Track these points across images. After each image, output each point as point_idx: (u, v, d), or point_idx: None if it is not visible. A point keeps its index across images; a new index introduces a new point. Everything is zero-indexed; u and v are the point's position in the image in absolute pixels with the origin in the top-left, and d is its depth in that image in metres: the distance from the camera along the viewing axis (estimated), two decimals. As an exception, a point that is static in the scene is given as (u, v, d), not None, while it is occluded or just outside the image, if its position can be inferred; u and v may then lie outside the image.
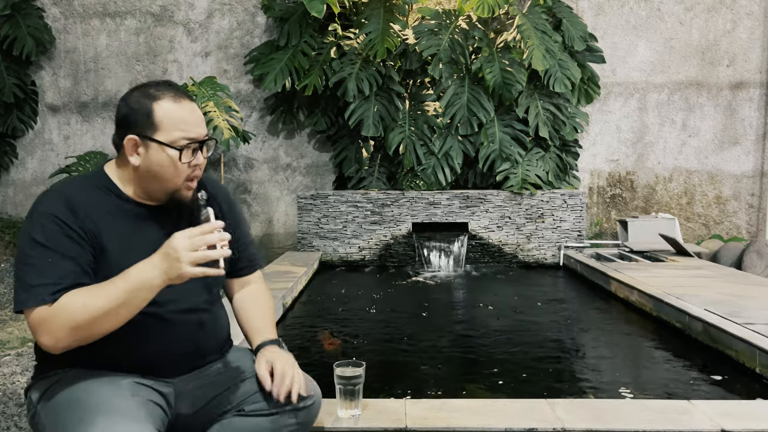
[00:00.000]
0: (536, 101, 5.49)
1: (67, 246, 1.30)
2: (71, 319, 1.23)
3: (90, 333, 1.25)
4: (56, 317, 1.24)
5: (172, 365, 1.44)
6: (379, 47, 5.07)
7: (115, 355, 1.37)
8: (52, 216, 1.32)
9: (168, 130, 1.39)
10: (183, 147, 1.39)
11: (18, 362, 2.72)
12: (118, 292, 1.23)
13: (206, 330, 1.49)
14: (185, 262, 1.21)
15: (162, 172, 1.40)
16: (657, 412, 1.88)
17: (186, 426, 1.47)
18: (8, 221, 6.07)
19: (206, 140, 1.44)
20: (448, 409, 1.89)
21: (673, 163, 6.14)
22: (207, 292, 1.51)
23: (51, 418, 1.30)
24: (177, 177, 1.41)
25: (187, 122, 1.41)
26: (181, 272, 1.21)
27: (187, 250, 1.21)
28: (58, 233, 1.30)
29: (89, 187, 1.42)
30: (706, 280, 3.91)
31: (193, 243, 1.22)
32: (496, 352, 2.92)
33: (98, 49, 6.12)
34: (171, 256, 1.22)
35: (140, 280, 1.23)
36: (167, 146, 1.39)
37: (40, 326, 1.25)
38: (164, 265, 1.22)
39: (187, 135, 1.40)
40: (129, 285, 1.23)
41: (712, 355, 2.78)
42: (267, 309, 1.67)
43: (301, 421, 1.49)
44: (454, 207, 5.34)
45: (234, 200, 1.70)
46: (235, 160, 6.17)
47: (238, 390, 1.48)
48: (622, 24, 6.04)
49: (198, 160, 1.42)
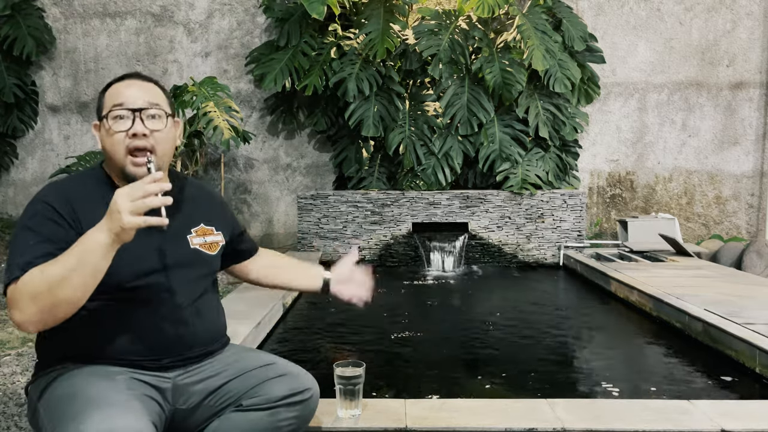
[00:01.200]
0: (536, 101, 5.49)
1: (50, 229, 1.33)
2: (32, 288, 1.24)
3: (51, 302, 1.24)
4: (21, 289, 1.26)
5: (169, 356, 1.44)
6: (379, 47, 5.07)
7: (110, 346, 1.39)
8: (43, 201, 1.37)
9: (107, 105, 1.43)
10: (107, 114, 1.41)
11: (18, 362, 2.72)
12: (71, 257, 1.23)
13: (202, 319, 1.51)
14: (125, 212, 1.19)
15: (107, 148, 1.43)
16: (657, 412, 1.88)
17: (184, 421, 1.47)
18: (8, 221, 6.07)
19: (141, 109, 1.41)
20: (448, 409, 1.89)
21: (673, 163, 6.14)
22: (201, 281, 1.54)
23: (49, 413, 1.32)
24: (116, 149, 1.40)
25: (121, 93, 1.42)
26: (122, 222, 1.19)
27: (126, 200, 1.20)
28: (44, 218, 1.35)
29: (86, 179, 1.47)
30: (706, 280, 3.91)
31: (132, 193, 1.20)
32: (496, 352, 2.93)
33: (98, 49, 6.12)
34: (112, 209, 1.21)
35: (90, 241, 1.23)
36: (102, 119, 1.42)
37: (9, 302, 1.28)
38: (108, 221, 1.22)
39: (116, 101, 1.41)
40: (80, 248, 1.23)
41: (712, 355, 2.78)
42: (291, 259, 1.89)
43: (299, 415, 1.50)
44: (454, 207, 5.34)
45: (223, 199, 1.77)
46: (235, 160, 6.17)
47: (236, 385, 1.48)
48: (622, 24, 6.04)
49: (136, 129, 1.39)
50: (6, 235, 5.66)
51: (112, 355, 1.39)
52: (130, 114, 1.40)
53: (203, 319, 1.52)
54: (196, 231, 1.56)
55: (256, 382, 1.48)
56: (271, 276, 1.81)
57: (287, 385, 1.49)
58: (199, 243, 1.55)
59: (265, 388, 1.47)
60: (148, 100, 1.43)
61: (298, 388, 1.49)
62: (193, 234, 1.54)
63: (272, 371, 1.51)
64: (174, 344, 1.45)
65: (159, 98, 1.46)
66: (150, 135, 1.41)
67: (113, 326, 1.39)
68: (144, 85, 1.46)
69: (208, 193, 1.70)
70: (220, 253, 1.61)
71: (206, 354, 1.52)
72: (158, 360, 1.43)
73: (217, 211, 1.65)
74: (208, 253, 1.56)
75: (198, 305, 1.51)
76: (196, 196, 1.62)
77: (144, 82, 1.47)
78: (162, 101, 1.47)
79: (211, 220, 1.60)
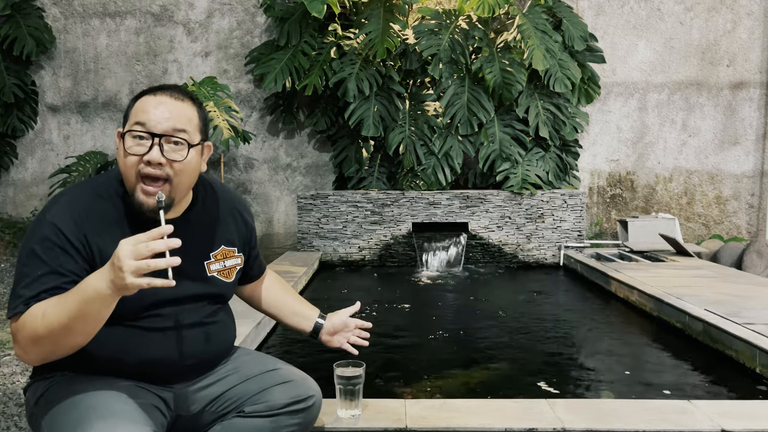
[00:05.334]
0: (536, 101, 5.49)
1: (60, 260, 1.26)
2: (32, 330, 1.20)
3: (52, 346, 1.20)
4: (23, 328, 1.22)
5: (175, 376, 1.43)
6: (379, 47, 5.07)
7: (116, 366, 1.36)
8: (54, 227, 1.28)
9: (131, 120, 1.32)
10: (128, 131, 1.30)
11: (18, 362, 2.72)
12: (72, 304, 1.17)
13: (211, 342, 1.47)
14: (128, 272, 1.09)
15: (121, 165, 1.32)
16: (657, 412, 1.88)
17: (186, 427, 1.47)
18: (8, 221, 6.07)
19: (163, 135, 1.29)
20: (448, 409, 1.89)
21: (673, 163, 6.14)
22: (213, 304, 1.49)
23: (48, 419, 1.30)
24: (129, 171, 1.30)
25: (147, 111, 1.30)
26: (125, 282, 1.09)
27: (129, 258, 1.09)
28: (54, 246, 1.27)
29: (99, 193, 1.37)
30: (706, 280, 3.91)
31: (136, 251, 1.09)
32: (496, 352, 2.92)
33: (98, 49, 6.12)
34: (115, 265, 1.11)
35: (91, 290, 1.15)
36: (124, 135, 1.32)
37: (12, 335, 1.25)
38: (111, 274, 1.12)
39: (138, 120, 1.30)
40: (81, 296, 1.16)
41: (712, 355, 2.78)
42: (293, 292, 1.83)
43: (301, 422, 1.49)
44: (454, 207, 5.34)
45: (250, 213, 1.65)
46: (235, 160, 6.17)
47: (238, 391, 1.47)
48: (622, 24, 6.04)
49: (152, 156, 1.27)
50: (6, 235, 5.66)
51: (118, 373, 1.36)
52: (150, 138, 1.29)
53: (212, 343, 1.48)
54: (215, 255, 1.48)
55: (259, 388, 1.47)
56: (264, 303, 1.76)
57: (290, 392, 1.47)
58: (217, 270, 1.48)
59: (268, 395, 1.46)
60: (173, 126, 1.30)
61: (301, 395, 1.48)
62: (212, 259, 1.47)
63: (275, 378, 1.49)
64: (180, 369, 1.42)
65: (187, 123, 1.33)
66: (166, 164, 1.30)
67: (117, 350, 1.35)
68: (175, 105, 1.33)
69: (235, 206, 1.58)
70: (237, 279, 1.56)
71: (211, 368, 1.51)
72: (169, 379, 1.42)
73: (241, 229, 1.56)
74: (224, 281, 1.50)
75: (209, 330, 1.46)
76: (221, 211, 1.52)
77: (176, 101, 1.33)
78: (190, 127, 1.34)
79: (233, 241, 1.53)
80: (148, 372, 1.38)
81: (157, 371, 1.39)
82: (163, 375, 1.41)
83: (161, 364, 1.39)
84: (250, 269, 1.66)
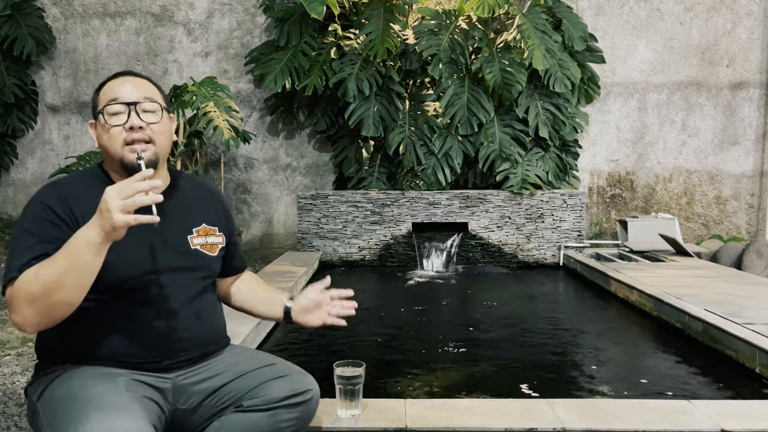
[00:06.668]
0: (536, 101, 5.49)
1: (48, 231, 1.34)
2: (27, 291, 1.25)
3: (48, 305, 1.25)
4: (17, 292, 1.27)
5: (168, 358, 1.44)
6: (379, 47, 5.07)
7: (109, 347, 1.39)
8: (40, 202, 1.38)
9: (102, 102, 1.45)
10: (103, 109, 1.42)
11: (18, 362, 2.72)
12: (63, 258, 1.23)
13: (202, 321, 1.51)
14: (115, 210, 1.18)
15: (104, 143, 1.44)
16: (657, 412, 1.88)
17: (185, 421, 1.47)
18: (8, 221, 6.07)
19: (136, 102, 1.42)
20: (448, 409, 1.89)
21: (673, 163, 6.14)
22: (201, 283, 1.53)
23: (48, 413, 1.32)
24: (114, 142, 1.41)
25: (115, 89, 1.43)
26: (112, 221, 1.18)
27: (115, 198, 1.18)
28: (41, 219, 1.36)
29: (84, 179, 1.48)
30: (706, 280, 3.91)
31: (122, 191, 1.19)
32: (495, 352, 2.93)
33: (98, 49, 6.12)
34: (102, 208, 1.20)
35: (80, 241, 1.22)
36: (98, 115, 1.44)
37: (8, 304, 1.29)
38: (98, 219, 1.21)
39: (110, 97, 1.42)
40: (71, 249, 1.23)
41: (712, 355, 2.78)
42: (267, 285, 1.80)
43: (299, 416, 1.49)
44: (454, 207, 5.34)
45: (227, 201, 1.73)
46: (235, 160, 6.17)
47: (236, 386, 1.48)
48: (622, 24, 6.04)
49: (132, 122, 1.41)
50: (6, 235, 5.66)
51: (110, 356, 1.40)
52: (126, 108, 1.41)
53: (202, 320, 1.51)
54: (198, 231, 1.55)
55: (257, 382, 1.48)
56: (237, 297, 1.74)
57: (288, 386, 1.48)
58: (200, 243, 1.54)
59: (266, 389, 1.47)
60: (142, 95, 1.44)
61: (299, 389, 1.49)
62: (195, 234, 1.54)
63: (273, 372, 1.51)
64: (172, 346, 1.45)
65: (153, 93, 1.48)
66: (147, 127, 1.42)
67: (111, 327, 1.40)
68: (137, 81, 1.47)
69: (213, 193, 1.68)
70: (221, 256, 1.60)
71: (206, 355, 1.52)
72: (158, 362, 1.43)
73: (220, 212, 1.64)
74: (208, 254, 1.55)
75: (197, 307, 1.50)
76: (200, 194, 1.61)
77: (137, 78, 1.48)
78: (156, 95, 1.48)
79: (213, 221, 1.60)
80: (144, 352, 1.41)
81: (152, 350, 1.42)
82: (159, 355, 1.43)
83: (155, 337, 1.42)
84: (232, 258, 1.69)
